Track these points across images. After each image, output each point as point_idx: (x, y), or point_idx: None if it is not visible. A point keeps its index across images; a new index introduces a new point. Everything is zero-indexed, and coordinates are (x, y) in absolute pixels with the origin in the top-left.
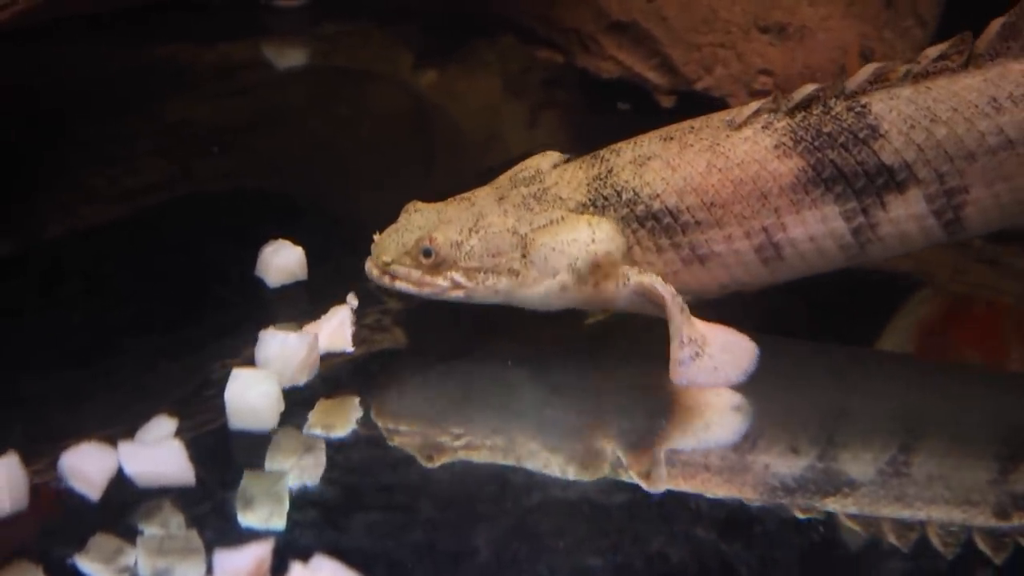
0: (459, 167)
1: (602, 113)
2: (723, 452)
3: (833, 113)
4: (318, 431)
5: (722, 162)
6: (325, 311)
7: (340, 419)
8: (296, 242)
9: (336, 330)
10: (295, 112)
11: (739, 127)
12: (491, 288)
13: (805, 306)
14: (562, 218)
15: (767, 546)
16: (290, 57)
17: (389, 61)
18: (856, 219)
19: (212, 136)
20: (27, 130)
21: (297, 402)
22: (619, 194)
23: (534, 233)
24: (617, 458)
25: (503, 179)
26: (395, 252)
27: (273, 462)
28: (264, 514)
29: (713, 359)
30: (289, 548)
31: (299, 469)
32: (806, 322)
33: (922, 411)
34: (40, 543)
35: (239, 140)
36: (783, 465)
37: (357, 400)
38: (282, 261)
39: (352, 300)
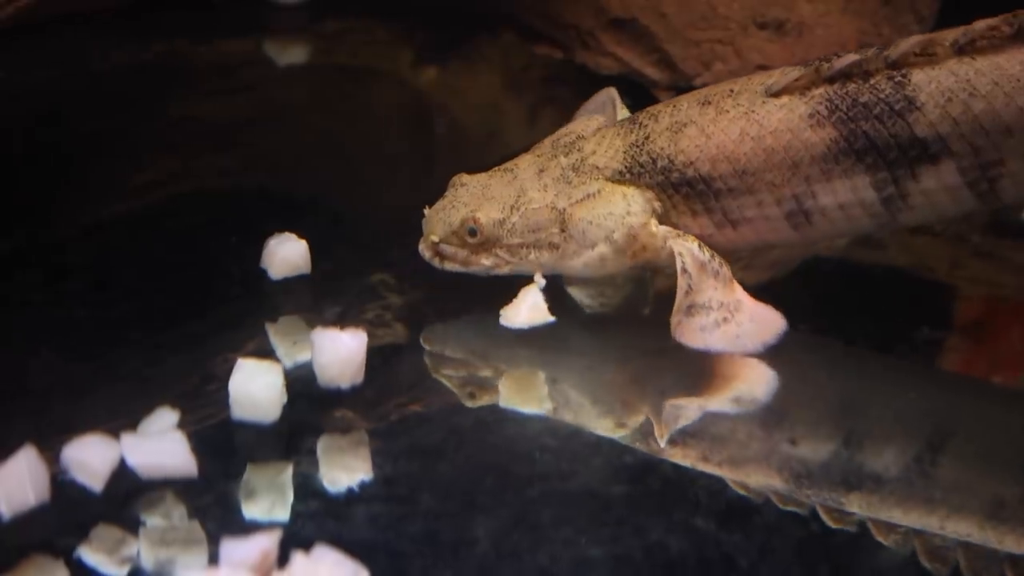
0: (460, 163)
1: None
2: (742, 437)
3: (872, 82)
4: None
5: (755, 130)
6: (327, 305)
7: None
8: (298, 237)
9: (533, 306)
10: (296, 109)
11: (776, 94)
12: (534, 262)
13: (805, 299)
14: (599, 191)
15: (766, 536)
16: (291, 54)
17: (390, 58)
18: (887, 189)
19: (214, 133)
20: (29, 127)
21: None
22: (654, 161)
23: (572, 208)
24: (646, 419)
25: (545, 144)
26: (442, 231)
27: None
28: (267, 505)
29: (740, 327)
30: (292, 539)
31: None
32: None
33: (946, 410)
34: (44, 535)
35: (240, 137)
36: (803, 455)
37: None
38: (286, 254)
39: (539, 279)
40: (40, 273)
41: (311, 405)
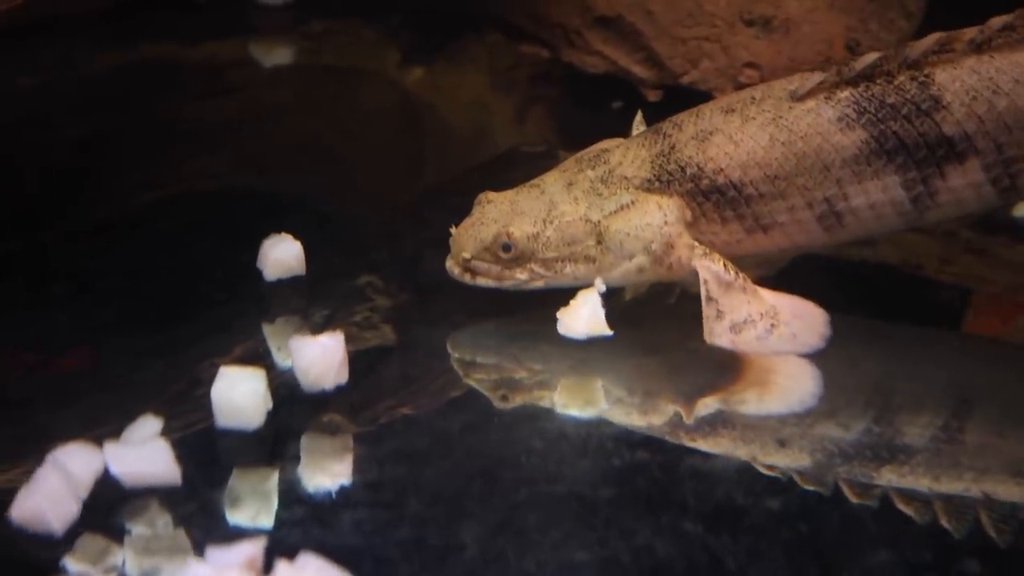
0: (448, 163)
1: (590, 108)
2: (780, 418)
3: (896, 83)
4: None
5: (785, 135)
6: (316, 308)
7: None
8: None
9: (592, 315)
10: (283, 110)
11: (802, 99)
12: (570, 275)
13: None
14: (632, 202)
15: (754, 538)
16: (277, 55)
17: (376, 58)
18: (916, 188)
19: (201, 135)
20: (13, 130)
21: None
22: (683, 169)
23: (607, 220)
24: (676, 412)
25: (569, 162)
26: (474, 248)
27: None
28: (251, 512)
29: (790, 327)
30: (276, 546)
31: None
32: None
33: (972, 384)
34: (26, 544)
35: (228, 139)
36: (834, 434)
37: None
38: (280, 254)
39: (600, 285)
40: (25, 278)
41: (297, 410)
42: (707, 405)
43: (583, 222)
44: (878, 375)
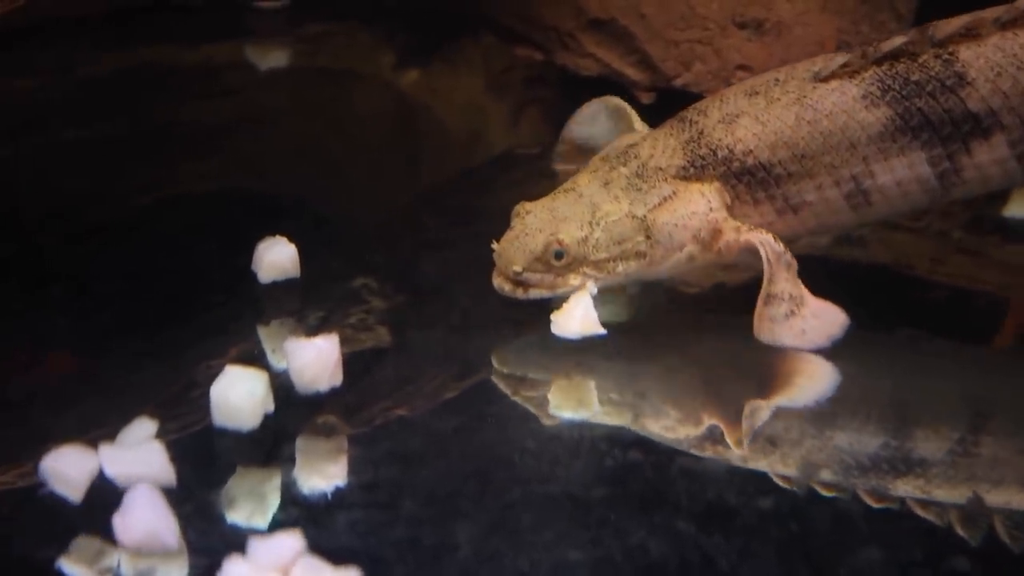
0: (443, 165)
1: None
2: (799, 427)
3: (920, 61)
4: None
5: (810, 114)
6: (311, 310)
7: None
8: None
9: (586, 316)
10: (279, 113)
11: (826, 79)
12: (622, 273)
13: None
14: (674, 193)
15: (747, 538)
16: (273, 58)
17: (371, 61)
18: (942, 164)
19: (197, 138)
20: (11, 133)
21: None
22: (714, 153)
23: (653, 213)
24: (715, 425)
25: (596, 162)
26: (525, 260)
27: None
28: (247, 513)
29: (805, 321)
30: None
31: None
32: None
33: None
34: (22, 546)
35: (224, 141)
36: (854, 444)
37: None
38: (274, 257)
39: (592, 287)
40: (21, 280)
41: (293, 412)
42: (757, 414)
43: (629, 219)
44: (890, 386)
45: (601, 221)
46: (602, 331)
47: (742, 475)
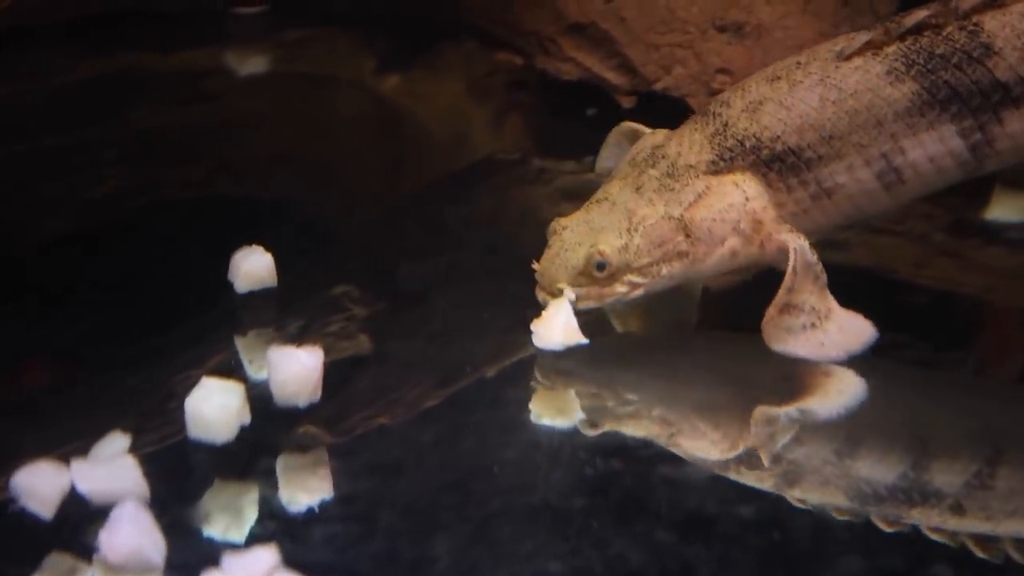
0: (425, 170)
1: (565, 115)
2: (816, 462)
3: (944, 34)
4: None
5: (835, 94)
6: (291, 319)
7: None
8: (264, 249)
9: (566, 325)
10: (258, 118)
11: (848, 58)
12: (667, 276)
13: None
14: (708, 188)
15: (727, 547)
16: (252, 64)
17: (351, 66)
18: (973, 136)
19: (176, 144)
20: None
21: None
22: (742, 143)
23: (689, 212)
24: (742, 433)
25: (624, 168)
26: (568, 276)
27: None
28: (223, 527)
29: (826, 335)
30: None
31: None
32: None
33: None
34: None
35: (203, 148)
36: (871, 474)
37: None
38: (250, 267)
39: (570, 293)
40: None
41: (270, 423)
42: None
43: (667, 220)
44: (905, 411)
45: (639, 227)
46: (584, 340)
47: (723, 484)
